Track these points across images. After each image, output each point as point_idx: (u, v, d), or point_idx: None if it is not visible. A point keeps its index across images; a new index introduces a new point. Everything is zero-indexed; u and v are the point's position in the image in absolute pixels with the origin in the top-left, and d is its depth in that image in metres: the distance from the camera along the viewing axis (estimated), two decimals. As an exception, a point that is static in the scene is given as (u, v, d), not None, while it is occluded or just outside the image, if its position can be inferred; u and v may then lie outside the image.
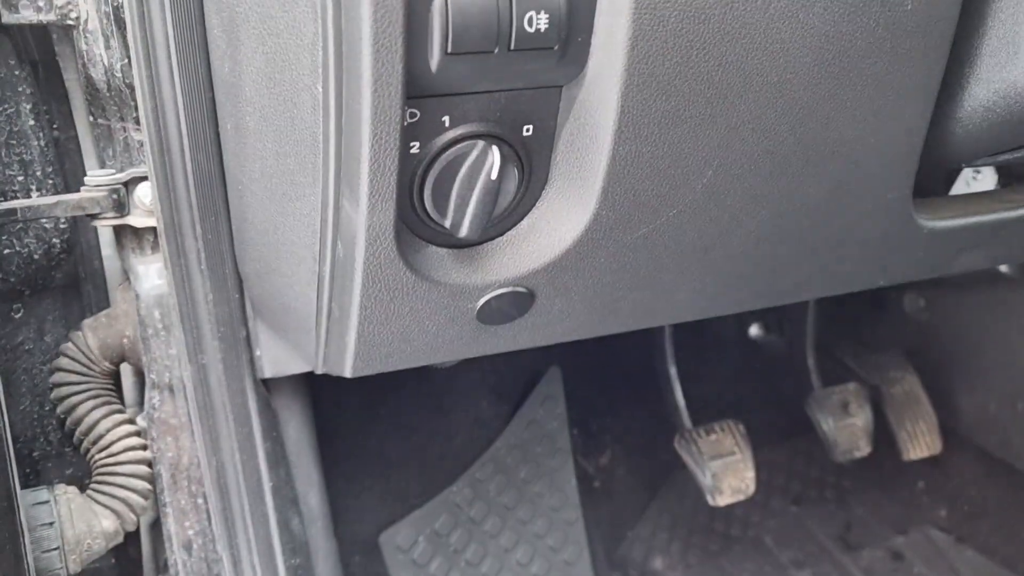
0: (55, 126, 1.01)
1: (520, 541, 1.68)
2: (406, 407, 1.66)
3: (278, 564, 1.00)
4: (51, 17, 0.86)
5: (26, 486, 0.95)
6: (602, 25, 0.64)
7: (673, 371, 1.91)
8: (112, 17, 0.84)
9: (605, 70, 0.65)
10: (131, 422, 1.00)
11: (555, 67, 0.66)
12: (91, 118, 0.94)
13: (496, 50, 0.61)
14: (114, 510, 0.96)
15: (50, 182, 0.99)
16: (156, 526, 1.08)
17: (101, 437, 0.98)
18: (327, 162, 0.66)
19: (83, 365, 1.00)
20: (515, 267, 0.77)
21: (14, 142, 0.95)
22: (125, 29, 0.81)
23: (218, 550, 0.97)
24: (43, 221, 0.98)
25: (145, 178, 0.89)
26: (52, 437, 1.05)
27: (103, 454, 0.98)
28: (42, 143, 0.97)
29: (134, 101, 0.86)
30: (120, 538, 0.96)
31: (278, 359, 0.95)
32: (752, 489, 1.74)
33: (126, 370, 1.07)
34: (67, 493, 0.94)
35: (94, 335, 0.99)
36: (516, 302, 0.80)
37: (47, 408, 1.04)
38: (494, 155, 0.67)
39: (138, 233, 0.95)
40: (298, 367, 0.96)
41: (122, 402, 1.06)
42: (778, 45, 0.68)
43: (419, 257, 0.74)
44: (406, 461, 1.64)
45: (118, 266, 1.04)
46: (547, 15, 0.61)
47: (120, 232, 0.96)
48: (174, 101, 0.79)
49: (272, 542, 1.00)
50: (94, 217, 0.90)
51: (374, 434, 1.62)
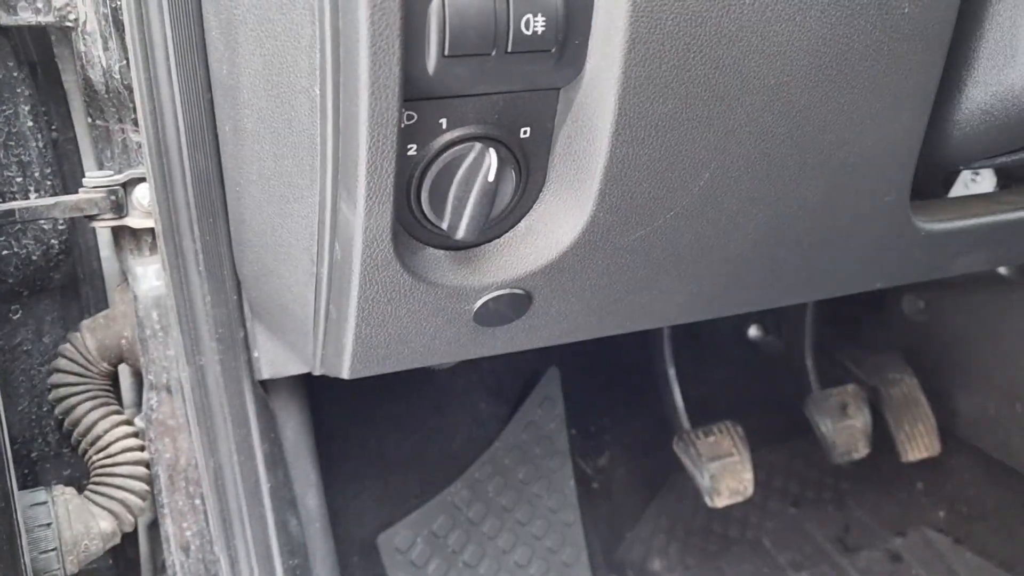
0: (53, 127, 1.01)
1: (518, 542, 1.68)
2: (404, 408, 1.66)
3: (276, 565, 1.00)
4: (50, 19, 0.86)
5: (24, 487, 0.95)
6: (599, 28, 0.64)
7: (672, 372, 1.91)
8: (110, 19, 0.84)
9: (602, 72, 0.65)
10: (129, 423, 1.00)
11: (552, 69, 0.66)
12: (89, 119, 0.95)
13: (493, 52, 0.61)
14: (112, 511, 0.96)
15: (48, 183, 0.98)
16: (154, 527, 1.08)
17: (99, 438, 0.98)
18: (324, 164, 0.66)
19: (81, 366, 1.00)
20: (512, 269, 0.77)
21: (12, 143, 0.95)
22: (123, 31, 0.81)
23: (216, 551, 0.97)
24: (41, 222, 0.98)
25: (143, 179, 0.89)
26: (50, 438, 1.05)
27: (101, 455, 0.98)
28: (40, 144, 0.97)
29: (132, 103, 0.86)
30: (118, 539, 0.96)
31: (276, 360, 0.95)
32: (750, 490, 1.74)
33: (124, 371, 1.07)
34: (65, 494, 0.93)
35: (92, 336, 0.99)
36: (513, 304, 0.80)
37: (45, 409, 1.04)
38: (491, 157, 0.67)
39: (136, 234, 0.95)
40: (296, 368, 0.96)
41: (120, 403, 1.06)
42: (775, 48, 0.68)
43: (416, 259, 0.74)
44: (404, 462, 1.64)
45: (116, 267, 1.04)
46: (544, 18, 0.61)
47: (118, 233, 0.96)
48: (172, 103, 0.79)
49: (270, 543, 1.00)
50: (92, 218, 0.90)
51: (372, 435, 1.61)
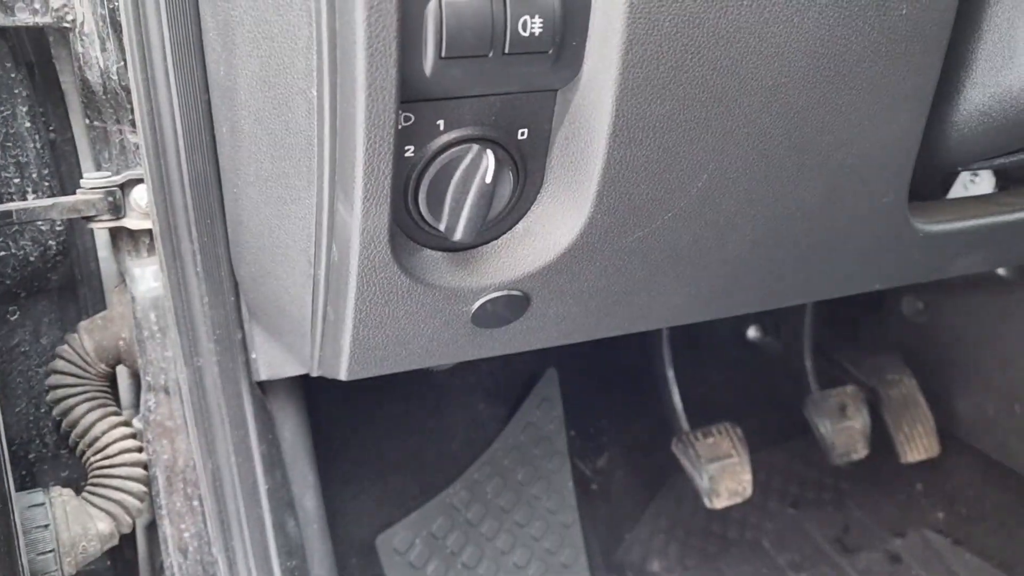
0: (51, 128, 1.00)
1: (517, 543, 1.68)
2: (402, 409, 1.66)
3: (274, 567, 1.00)
4: (47, 20, 0.85)
5: (21, 488, 0.95)
6: (596, 29, 0.64)
7: (671, 373, 1.91)
8: (108, 20, 0.84)
9: (600, 74, 0.65)
10: (127, 424, 1.00)
11: (550, 71, 0.65)
12: (87, 120, 0.94)
13: (490, 54, 0.61)
14: (110, 512, 0.95)
15: (46, 184, 0.98)
16: (152, 528, 1.07)
17: (97, 439, 0.98)
18: (322, 165, 0.66)
19: (79, 367, 0.99)
20: (510, 270, 0.77)
21: (10, 144, 0.95)
22: (121, 32, 0.80)
23: (214, 553, 0.97)
24: (39, 223, 0.98)
25: (141, 180, 0.89)
26: (48, 439, 1.05)
27: (99, 456, 0.98)
28: (38, 145, 0.97)
29: (130, 104, 0.85)
30: (115, 540, 0.96)
31: (274, 362, 0.95)
32: (749, 492, 1.74)
33: (122, 372, 1.07)
34: (62, 495, 0.93)
35: (90, 337, 0.99)
36: (511, 305, 0.80)
37: (43, 410, 1.04)
38: (489, 159, 0.67)
39: (134, 235, 0.94)
40: (294, 370, 0.96)
41: (118, 404, 1.06)
42: (773, 49, 0.68)
43: (414, 260, 0.74)
44: (403, 463, 1.64)
45: (114, 268, 1.04)
46: (541, 19, 0.61)
47: (116, 234, 0.96)
48: (170, 104, 0.78)
49: (268, 545, 0.99)
50: (90, 219, 0.90)
51: (370, 436, 1.61)
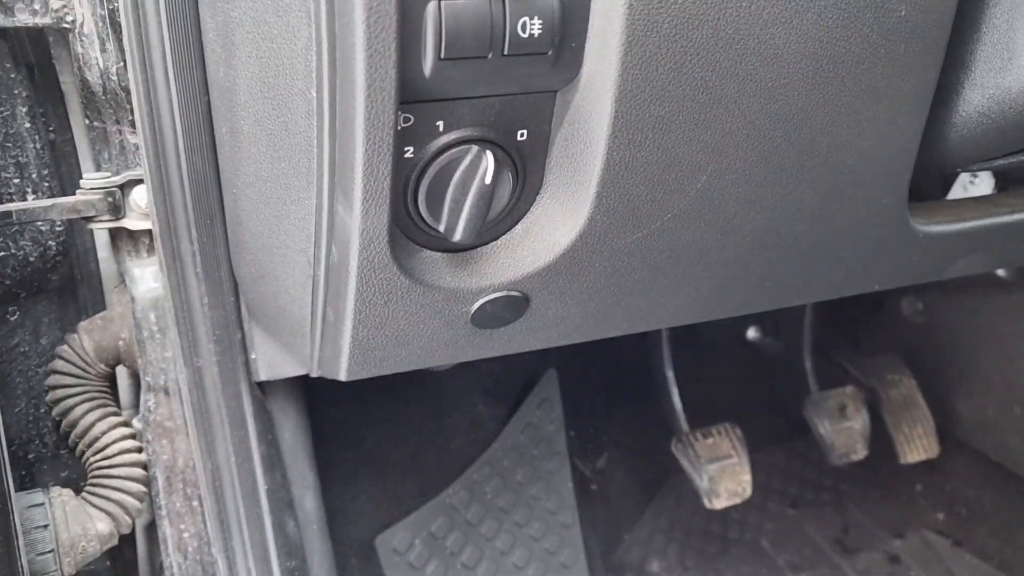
0: (51, 129, 1.00)
1: (516, 544, 1.68)
2: (402, 410, 1.66)
3: (273, 567, 1.00)
4: (47, 20, 0.86)
5: (21, 488, 0.95)
6: (596, 30, 0.64)
7: (670, 374, 1.91)
8: (108, 20, 0.84)
9: (599, 75, 0.65)
10: (126, 425, 1.00)
11: (549, 72, 0.66)
12: (87, 121, 0.95)
13: (490, 55, 0.61)
14: (109, 513, 0.96)
15: (46, 185, 0.98)
16: (151, 529, 1.08)
17: (96, 440, 0.98)
18: (321, 166, 0.66)
19: (79, 368, 1.00)
20: (510, 271, 0.77)
21: (10, 145, 0.95)
22: (120, 32, 0.81)
23: (213, 553, 0.97)
24: (39, 224, 0.98)
25: (141, 181, 0.89)
26: (47, 440, 1.05)
27: (98, 456, 0.98)
28: (38, 146, 0.97)
29: (130, 104, 0.86)
30: (115, 541, 0.96)
31: (273, 362, 0.95)
32: (749, 492, 1.74)
33: (122, 372, 1.07)
34: (62, 496, 0.93)
35: (90, 338, 0.99)
36: (511, 306, 0.80)
37: (42, 410, 1.04)
38: (488, 160, 0.67)
39: (134, 236, 0.95)
40: (293, 370, 0.96)
41: (118, 405, 1.06)
42: (772, 51, 0.68)
43: (413, 261, 0.74)
44: (402, 464, 1.64)
45: (114, 269, 1.04)
46: (540, 20, 0.61)
47: (116, 235, 0.96)
48: (169, 104, 0.78)
49: (267, 545, 0.99)
50: (90, 220, 0.90)
51: (370, 437, 1.61)
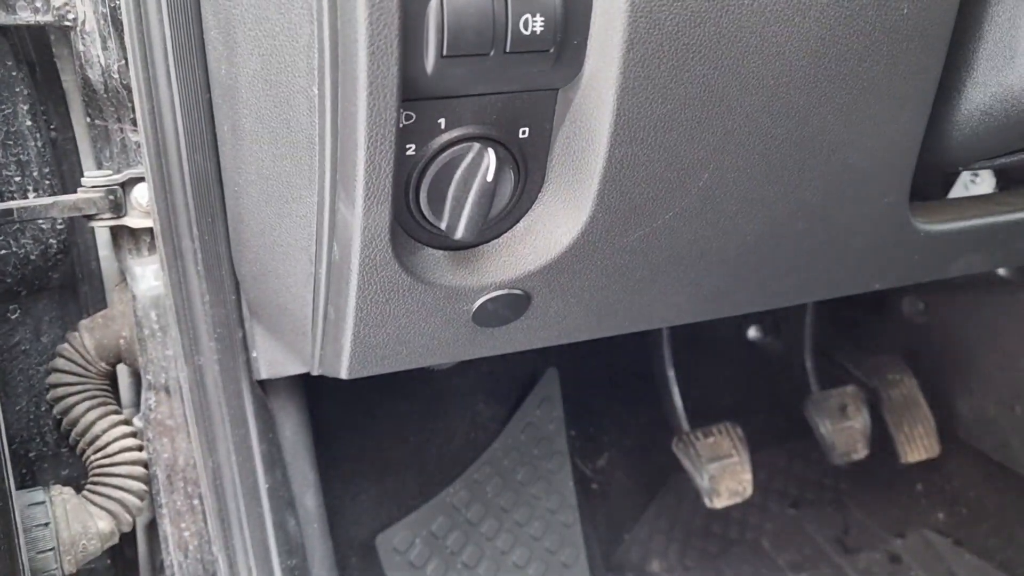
0: (52, 127, 1.00)
1: (517, 543, 1.68)
2: (403, 409, 1.66)
3: (274, 566, 1.00)
4: (48, 18, 0.85)
5: (22, 487, 0.95)
6: (598, 28, 0.64)
7: (671, 373, 1.91)
8: (109, 18, 0.84)
9: (601, 73, 0.65)
10: (127, 423, 1.00)
11: (551, 70, 0.66)
12: (88, 119, 0.94)
13: (492, 53, 0.61)
14: (110, 511, 0.95)
15: (47, 183, 0.98)
16: (152, 527, 1.08)
17: (97, 438, 0.98)
18: (323, 164, 0.66)
19: (80, 366, 0.99)
20: (511, 269, 0.77)
21: (11, 143, 0.95)
22: (122, 30, 0.81)
23: (214, 551, 0.97)
24: (40, 222, 0.98)
25: (142, 179, 0.89)
26: (48, 438, 1.05)
27: (99, 455, 0.98)
28: (39, 144, 0.97)
29: (131, 102, 0.85)
30: (116, 539, 0.96)
31: (274, 360, 0.95)
32: (749, 492, 1.74)
33: (123, 371, 1.07)
34: (63, 494, 0.93)
35: (91, 336, 0.99)
36: (512, 304, 0.80)
37: (43, 409, 1.04)
38: (490, 157, 0.67)
39: (135, 234, 0.95)
40: (294, 368, 0.96)
41: (118, 403, 1.06)
42: (774, 49, 0.68)
43: (415, 259, 0.74)
44: (403, 463, 1.64)
45: (115, 267, 1.04)
46: (542, 18, 0.61)
47: (117, 233, 0.96)
48: (171, 102, 0.78)
49: (268, 544, 0.99)
50: (91, 218, 0.90)
51: (371, 436, 1.61)
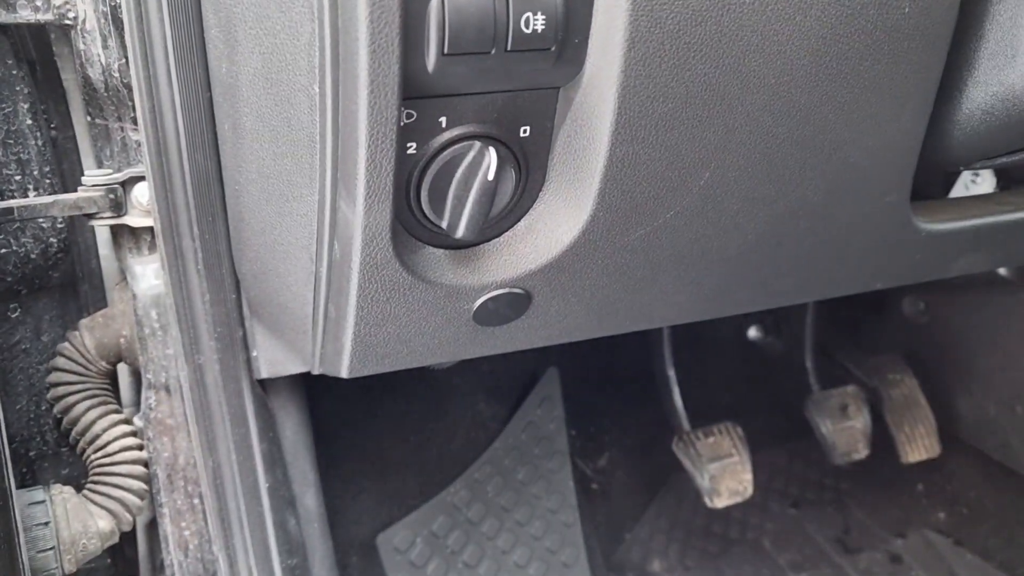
0: (53, 125, 1.00)
1: (518, 543, 1.68)
2: (403, 408, 1.66)
3: (274, 565, 1.00)
4: (49, 17, 0.85)
5: (22, 486, 0.95)
6: (599, 26, 0.64)
7: (671, 373, 1.91)
8: (110, 17, 0.84)
9: (602, 72, 0.65)
10: (127, 422, 1.00)
11: (552, 68, 0.65)
12: (89, 118, 0.94)
13: (493, 51, 0.61)
14: (110, 510, 0.95)
15: (47, 181, 0.98)
16: (152, 526, 1.07)
17: (97, 437, 0.98)
18: (324, 162, 0.66)
19: (80, 365, 0.99)
20: (512, 268, 0.77)
21: (11, 141, 0.95)
22: (122, 29, 0.80)
23: (214, 551, 0.97)
24: (40, 220, 0.98)
25: (142, 178, 0.89)
26: (48, 437, 1.05)
27: (99, 454, 0.98)
28: (39, 142, 0.97)
29: (132, 101, 0.85)
30: (116, 538, 0.96)
31: (275, 360, 0.95)
32: (750, 491, 1.74)
33: (123, 370, 1.07)
34: (63, 493, 0.93)
35: (91, 335, 0.99)
36: (513, 303, 0.80)
37: (44, 408, 1.04)
38: (491, 156, 0.67)
39: (135, 233, 0.94)
40: (295, 368, 0.96)
41: (119, 402, 1.06)
42: (775, 47, 0.68)
43: (416, 258, 0.74)
44: (403, 462, 1.64)
45: (115, 266, 1.04)
46: (544, 16, 0.61)
47: (117, 232, 0.96)
48: (171, 101, 0.78)
49: (268, 543, 0.99)
50: (91, 217, 0.90)
51: (371, 435, 1.61)
